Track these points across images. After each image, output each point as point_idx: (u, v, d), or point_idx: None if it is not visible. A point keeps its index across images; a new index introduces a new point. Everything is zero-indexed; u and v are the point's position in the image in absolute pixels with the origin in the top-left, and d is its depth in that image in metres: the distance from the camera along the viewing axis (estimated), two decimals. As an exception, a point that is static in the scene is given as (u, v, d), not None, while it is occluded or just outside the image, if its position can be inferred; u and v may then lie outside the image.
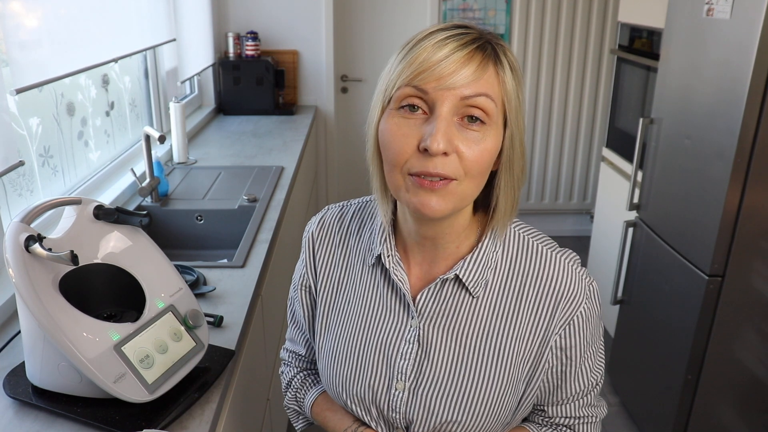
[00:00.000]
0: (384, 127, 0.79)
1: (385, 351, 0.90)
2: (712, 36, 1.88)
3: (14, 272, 0.95)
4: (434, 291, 0.88)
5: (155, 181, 2.02)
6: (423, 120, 0.76)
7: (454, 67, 0.73)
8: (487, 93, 0.75)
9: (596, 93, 3.86)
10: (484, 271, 0.87)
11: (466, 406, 0.87)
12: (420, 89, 0.74)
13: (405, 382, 0.89)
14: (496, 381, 0.87)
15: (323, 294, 0.98)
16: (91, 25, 1.86)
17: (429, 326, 0.88)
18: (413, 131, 0.76)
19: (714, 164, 1.85)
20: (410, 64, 0.75)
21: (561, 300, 0.87)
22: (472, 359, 0.87)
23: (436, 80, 0.74)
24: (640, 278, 2.35)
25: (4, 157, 1.36)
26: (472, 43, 0.75)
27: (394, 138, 0.77)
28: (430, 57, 0.74)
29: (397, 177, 0.78)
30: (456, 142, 0.75)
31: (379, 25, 3.75)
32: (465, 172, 0.76)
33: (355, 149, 3.97)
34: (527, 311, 0.87)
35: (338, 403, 0.98)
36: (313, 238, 0.99)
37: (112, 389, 0.95)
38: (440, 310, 0.88)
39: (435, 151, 0.73)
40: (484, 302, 0.88)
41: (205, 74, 3.34)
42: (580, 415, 0.96)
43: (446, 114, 0.74)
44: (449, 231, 0.85)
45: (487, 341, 0.87)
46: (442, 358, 0.88)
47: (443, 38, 0.75)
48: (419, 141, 0.75)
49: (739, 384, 1.99)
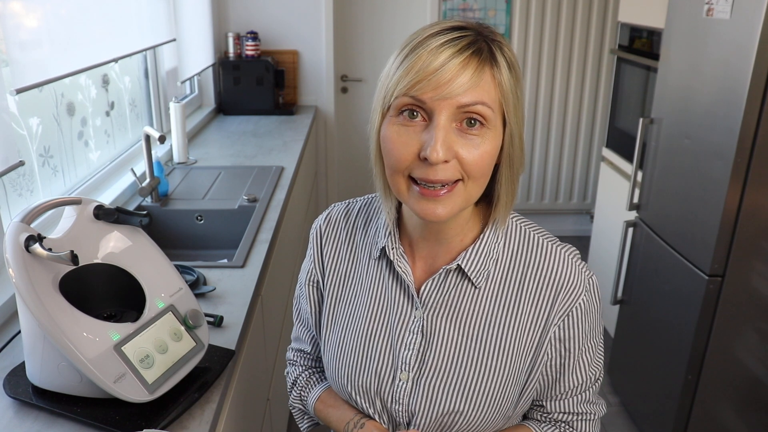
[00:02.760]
0: (385, 133, 0.81)
1: (389, 342, 0.92)
2: (712, 36, 1.88)
3: (14, 272, 0.95)
4: (438, 282, 0.90)
5: (155, 181, 2.02)
6: (422, 127, 0.78)
7: (450, 75, 0.74)
8: (484, 101, 0.76)
9: (596, 93, 3.86)
10: (486, 262, 0.89)
11: (468, 396, 0.88)
12: (418, 99, 0.76)
13: (409, 372, 0.90)
14: (498, 371, 0.89)
15: (330, 288, 0.99)
16: (91, 25, 1.86)
17: (432, 317, 0.90)
18: (413, 139, 0.78)
19: (714, 164, 1.85)
20: (407, 72, 0.76)
21: (561, 291, 0.89)
22: (474, 349, 0.89)
23: (433, 90, 0.75)
24: (640, 278, 2.35)
25: (4, 157, 1.36)
26: (467, 48, 0.76)
27: (395, 146, 0.79)
28: (426, 66, 0.75)
29: (400, 181, 0.81)
30: (456, 148, 0.77)
31: (379, 25, 3.75)
32: (468, 175, 0.78)
33: (355, 149, 3.98)
34: (528, 302, 0.89)
35: (343, 397, 0.99)
36: (320, 234, 1.01)
37: (112, 389, 0.95)
38: (443, 300, 0.90)
39: (435, 161, 0.75)
40: (487, 293, 0.90)
41: (205, 74, 3.34)
42: (578, 411, 0.97)
43: (444, 122, 0.76)
44: (453, 225, 0.88)
45: (489, 331, 0.89)
46: (444, 348, 0.90)
47: (439, 44, 0.76)
48: (419, 149, 0.77)
49: (739, 384, 1.99)
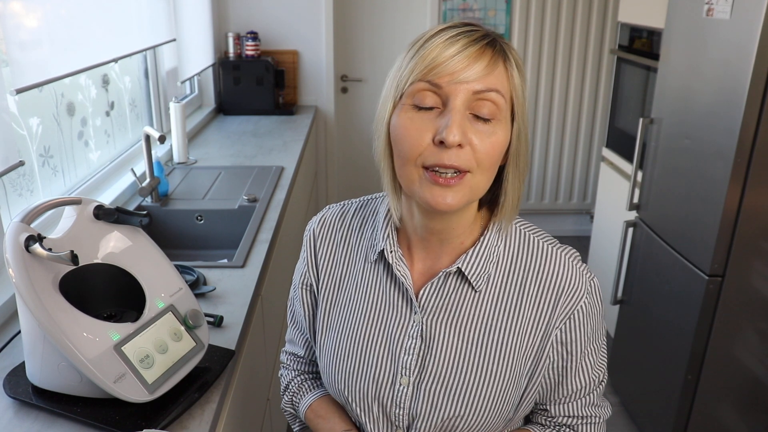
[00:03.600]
0: (397, 122, 0.80)
1: (389, 347, 0.91)
2: (712, 36, 1.88)
3: (14, 272, 0.95)
4: (437, 285, 0.89)
5: (155, 181, 2.02)
6: (437, 114, 0.78)
7: (466, 62, 0.76)
8: (498, 88, 0.77)
9: (596, 93, 3.86)
10: (487, 265, 0.88)
11: (469, 399, 0.87)
12: (434, 84, 0.77)
13: (410, 377, 0.89)
14: (498, 374, 0.88)
15: (324, 291, 0.98)
16: (91, 25, 1.86)
17: (432, 321, 0.89)
18: (427, 125, 0.78)
19: (714, 164, 1.85)
20: (423, 59, 0.77)
21: (562, 294, 0.88)
22: (474, 353, 0.88)
23: (450, 75, 0.76)
24: (640, 278, 2.35)
25: (4, 157, 1.36)
26: (482, 39, 0.77)
27: (408, 132, 0.78)
28: (442, 52, 0.76)
29: (411, 170, 0.79)
30: (470, 135, 0.77)
31: (379, 25, 3.75)
32: (477, 164, 0.78)
33: (355, 149, 3.98)
34: (529, 305, 0.88)
35: (339, 402, 0.98)
36: (314, 236, 0.99)
37: (112, 389, 0.95)
38: (443, 304, 0.89)
39: (451, 143, 0.75)
40: (487, 296, 0.89)
41: (205, 74, 3.34)
42: (583, 414, 0.95)
43: (460, 107, 0.76)
44: (456, 225, 0.87)
45: (489, 335, 0.88)
46: (445, 352, 0.88)
47: (453, 35, 0.77)
48: (434, 134, 0.77)
49: (739, 384, 1.99)
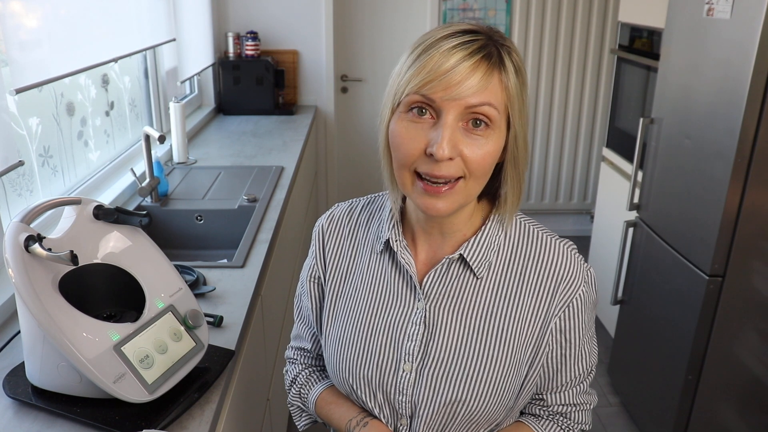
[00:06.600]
0: (394, 128, 0.84)
1: (392, 333, 0.94)
2: (712, 36, 1.88)
3: (14, 272, 0.95)
4: (440, 272, 0.92)
5: (155, 181, 2.02)
6: (430, 124, 0.81)
7: (460, 77, 0.78)
8: (491, 102, 0.80)
9: (596, 93, 3.86)
10: (488, 253, 0.92)
11: (471, 385, 0.90)
12: (428, 98, 0.79)
13: (412, 363, 0.92)
14: (499, 361, 0.90)
15: (332, 283, 1.01)
16: (91, 25, 1.86)
17: (435, 307, 0.92)
18: (420, 135, 0.81)
19: (714, 164, 1.85)
20: (419, 72, 0.79)
21: (560, 283, 0.91)
22: (476, 339, 0.91)
23: (444, 90, 0.78)
24: (640, 278, 2.35)
25: (4, 157, 1.36)
26: (478, 52, 0.79)
27: (403, 140, 0.82)
28: (438, 67, 0.78)
29: (405, 175, 0.84)
30: (460, 147, 0.80)
31: (379, 25, 3.75)
32: (470, 173, 0.81)
33: (356, 149, 3.97)
34: (529, 293, 0.92)
35: (343, 391, 1.00)
36: (323, 231, 1.03)
37: (111, 389, 0.95)
38: (445, 291, 0.92)
39: (440, 158, 0.79)
40: (488, 283, 0.92)
41: (204, 74, 3.34)
42: (576, 402, 1.00)
43: (451, 122, 0.79)
44: (456, 221, 0.91)
45: (490, 322, 0.91)
46: (447, 338, 0.91)
47: (451, 47, 0.79)
48: (426, 145, 0.81)
49: (739, 384, 1.99)
